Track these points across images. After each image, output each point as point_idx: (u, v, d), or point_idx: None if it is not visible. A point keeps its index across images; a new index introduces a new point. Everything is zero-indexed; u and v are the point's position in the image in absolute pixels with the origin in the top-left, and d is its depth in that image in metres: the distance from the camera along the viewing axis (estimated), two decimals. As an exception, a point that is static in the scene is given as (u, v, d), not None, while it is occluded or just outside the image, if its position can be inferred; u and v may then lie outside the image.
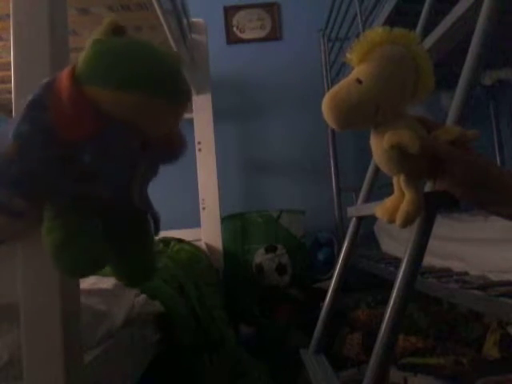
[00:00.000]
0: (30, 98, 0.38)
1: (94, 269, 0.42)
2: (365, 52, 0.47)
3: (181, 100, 0.42)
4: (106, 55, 0.38)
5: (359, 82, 0.46)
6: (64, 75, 0.38)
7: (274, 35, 2.28)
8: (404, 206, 0.48)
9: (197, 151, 1.77)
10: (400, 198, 0.50)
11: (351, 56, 0.48)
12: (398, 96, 0.47)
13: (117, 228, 0.48)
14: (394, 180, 0.51)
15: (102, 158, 0.40)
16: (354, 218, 1.00)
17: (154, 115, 0.40)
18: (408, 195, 0.48)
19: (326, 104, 0.47)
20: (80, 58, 0.39)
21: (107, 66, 0.38)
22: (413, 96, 0.49)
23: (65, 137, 0.38)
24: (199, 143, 1.77)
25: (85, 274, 0.44)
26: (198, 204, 1.76)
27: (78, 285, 0.48)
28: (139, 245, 0.50)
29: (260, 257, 1.70)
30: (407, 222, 0.48)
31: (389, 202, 0.51)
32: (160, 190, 2.32)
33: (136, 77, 0.38)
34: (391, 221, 0.49)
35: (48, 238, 0.40)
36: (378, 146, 0.48)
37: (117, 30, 0.40)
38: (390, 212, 0.49)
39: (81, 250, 0.41)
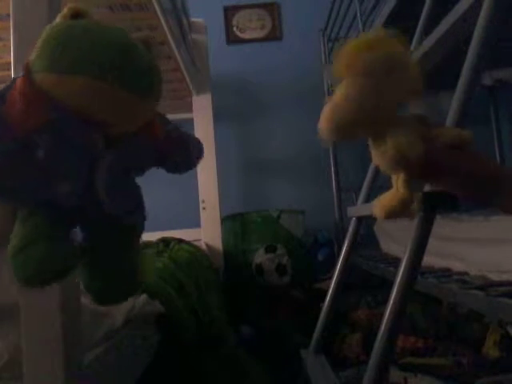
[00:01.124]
0: None
1: (49, 279, 0.38)
2: (346, 65, 0.46)
3: (134, 87, 0.38)
4: (53, 39, 0.36)
5: (345, 99, 0.46)
6: (24, 65, 0.37)
7: (274, 35, 2.28)
8: (394, 202, 0.48)
9: (197, 151, 1.76)
10: (396, 195, 0.50)
11: (335, 71, 0.47)
12: (391, 103, 0.47)
13: (92, 236, 0.44)
14: (394, 177, 0.51)
15: (56, 153, 0.38)
16: (354, 218, 1.00)
17: (103, 101, 0.37)
18: (402, 193, 0.48)
19: (321, 124, 0.48)
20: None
21: (54, 49, 0.36)
22: (403, 98, 0.48)
23: (16, 129, 0.36)
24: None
25: (37, 284, 0.39)
26: (198, 204, 1.76)
27: (78, 285, 0.48)
28: (115, 256, 0.44)
29: (260, 257, 1.71)
30: (388, 217, 0.49)
31: (384, 199, 0.51)
32: (160, 190, 2.33)
33: (81, 60, 0.36)
34: (389, 218, 0.50)
35: (9, 246, 0.38)
36: (377, 153, 0.48)
37: (76, 14, 0.38)
38: (387, 209, 0.50)
39: (33, 258, 0.37)
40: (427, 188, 0.54)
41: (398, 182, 0.49)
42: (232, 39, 2.27)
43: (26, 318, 0.43)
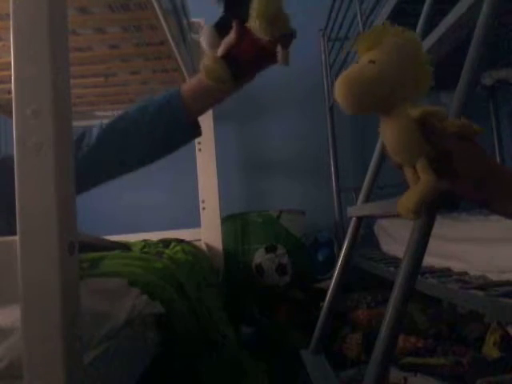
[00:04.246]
0: None
1: None
2: (373, 41, 0.47)
3: None
4: None
5: (372, 62, 0.46)
6: None
7: (274, 35, 2.28)
8: (418, 186, 0.46)
9: (197, 151, 1.77)
10: (419, 185, 0.49)
11: (359, 44, 0.47)
12: (411, 82, 0.47)
13: None
14: (408, 173, 0.50)
15: None
16: (354, 218, 1.00)
17: None
18: (424, 177, 0.47)
19: (338, 85, 0.46)
20: None
21: None
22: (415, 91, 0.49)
23: None
24: (199, 143, 1.77)
25: None
26: (198, 204, 1.76)
27: (78, 285, 0.48)
28: None
29: (260, 257, 1.71)
30: (420, 203, 0.46)
31: (405, 198, 0.49)
32: (160, 190, 2.33)
33: None
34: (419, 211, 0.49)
35: None
36: (393, 131, 0.47)
37: None
38: (417, 200, 0.48)
39: None
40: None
41: (418, 169, 0.47)
42: (232, 39, 2.27)
43: (25, 317, 0.43)
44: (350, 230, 0.99)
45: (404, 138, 0.46)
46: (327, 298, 0.96)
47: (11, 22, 0.44)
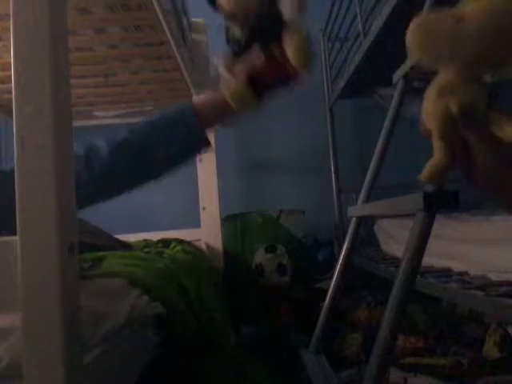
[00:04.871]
0: None
1: None
2: None
3: None
4: None
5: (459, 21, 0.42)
6: None
7: (274, 35, 2.28)
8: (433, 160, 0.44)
9: (197, 151, 1.77)
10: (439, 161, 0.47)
11: None
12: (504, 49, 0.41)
13: None
14: (436, 141, 0.48)
15: None
16: (354, 218, 1.00)
17: None
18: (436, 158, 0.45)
19: (410, 29, 0.43)
20: None
21: None
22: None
23: None
24: (199, 143, 1.77)
25: None
26: (198, 204, 1.76)
27: (78, 285, 0.48)
28: None
29: (260, 257, 1.71)
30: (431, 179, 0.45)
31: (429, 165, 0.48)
32: (160, 191, 2.32)
33: None
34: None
35: None
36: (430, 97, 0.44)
37: None
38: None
39: None
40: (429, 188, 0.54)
41: (435, 147, 0.46)
42: (232, 39, 2.27)
43: (25, 317, 0.43)
44: (350, 230, 0.99)
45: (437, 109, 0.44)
46: (327, 298, 0.96)
47: (11, 22, 0.44)
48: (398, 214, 1.27)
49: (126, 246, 1.17)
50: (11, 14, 0.44)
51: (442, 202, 0.53)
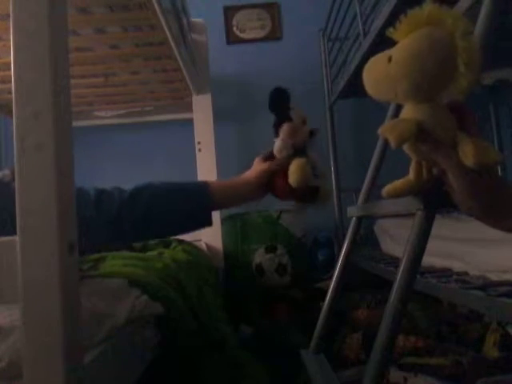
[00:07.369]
0: None
1: None
2: (408, 30, 0.44)
3: None
4: None
5: (389, 60, 0.45)
6: None
7: (274, 35, 2.28)
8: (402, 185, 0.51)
9: (197, 151, 1.77)
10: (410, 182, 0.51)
11: (396, 32, 0.45)
12: (431, 78, 0.44)
13: None
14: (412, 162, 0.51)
15: None
16: (354, 218, 1.00)
17: None
18: (409, 179, 0.51)
19: (364, 73, 0.49)
20: None
21: None
22: (450, 85, 0.45)
23: None
24: (199, 143, 1.77)
25: None
26: (198, 204, 1.76)
27: (78, 285, 0.48)
28: None
29: (260, 257, 1.71)
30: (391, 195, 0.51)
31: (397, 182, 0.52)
32: (160, 190, 2.25)
33: None
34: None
35: None
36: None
37: None
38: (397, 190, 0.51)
39: None
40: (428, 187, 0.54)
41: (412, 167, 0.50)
42: (232, 39, 2.27)
43: (25, 317, 0.43)
44: (350, 230, 0.99)
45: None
46: (327, 298, 0.96)
47: (11, 22, 0.44)
48: (397, 214, 1.27)
49: (129, 246, 1.17)
50: (11, 14, 0.44)
51: (442, 201, 0.53)
